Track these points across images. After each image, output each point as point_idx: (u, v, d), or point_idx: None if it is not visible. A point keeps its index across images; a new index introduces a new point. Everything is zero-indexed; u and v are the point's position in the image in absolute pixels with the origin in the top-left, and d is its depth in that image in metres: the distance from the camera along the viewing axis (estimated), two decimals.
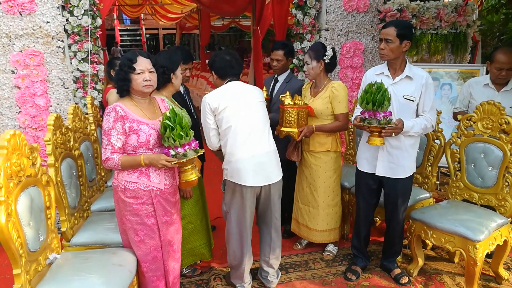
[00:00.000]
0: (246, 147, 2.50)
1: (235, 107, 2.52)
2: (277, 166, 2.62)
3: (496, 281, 2.82)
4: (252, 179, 2.50)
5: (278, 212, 2.71)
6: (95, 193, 3.05)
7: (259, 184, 2.53)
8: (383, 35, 2.55)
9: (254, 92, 2.64)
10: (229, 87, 2.59)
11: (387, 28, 2.54)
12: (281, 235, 2.79)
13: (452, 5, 4.25)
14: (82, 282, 1.94)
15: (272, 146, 2.61)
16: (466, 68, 4.19)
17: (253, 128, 2.53)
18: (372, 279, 2.89)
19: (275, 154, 2.62)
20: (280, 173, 2.64)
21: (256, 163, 2.51)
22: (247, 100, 2.56)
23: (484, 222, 2.59)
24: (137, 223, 2.22)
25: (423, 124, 2.56)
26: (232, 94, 2.55)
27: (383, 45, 2.55)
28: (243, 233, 2.62)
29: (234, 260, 2.70)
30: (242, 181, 2.50)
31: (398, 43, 2.51)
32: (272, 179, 2.57)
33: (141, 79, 2.12)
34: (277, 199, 2.66)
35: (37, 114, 3.61)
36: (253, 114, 2.56)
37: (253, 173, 2.50)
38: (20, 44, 3.50)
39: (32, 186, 1.99)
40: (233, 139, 2.51)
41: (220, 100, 2.51)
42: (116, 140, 2.12)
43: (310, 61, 2.92)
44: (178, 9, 12.77)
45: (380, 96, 2.34)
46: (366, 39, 4.21)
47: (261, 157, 2.53)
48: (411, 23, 4.05)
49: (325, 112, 2.93)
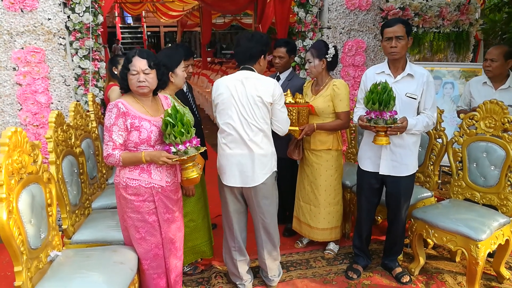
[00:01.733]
0: (231, 145, 2.47)
1: (229, 100, 2.44)
2: (260, 171, 2.47)
3: (497, 281, 2.82)
4: (227, 178, 2.52)
5: (266, 213, 2.59)
6: (96, 191, 3.05)
7: (234, 185, 2.51)
8: (392, 33, 2.51)
9: (260, 89, 2.42)
10: (235, 76, 2.50)
11: (395, 26, 2.51)
12: (274, 236, 2.67)
13: (454, 4, 4.23)
14: (83, 280, 1.94)
15: (263, 150, 2.46)
16: (468, 67, 4.17)
17: (243, 127, 2.43)
18: (373, 278, 2.89)
19: (263, 158, 2.47)
20: (262, 179, 2.48)
21: (235, 164, 2.47)
22: (246, 94, 2.41)
23: (486, 221, 2.58)
24: (138, 220, 2.21)
25: (425, 122, 2.57)
26: (233, 85, 2.45)
27: (395, 43, 2.51)
28: (228, 229, 2.68)
29: (226, 258, 2.75)
30: (221, 178, 2.56)
31: (407, 39, 2.52)
32: (248, 183, 2.48)
33: (135, 79, 2.12)
34: (261, 201, 2.55)
35: (39, 111, 3.60)
36: (247, 112, 2.42)
37: (230, 172, 2.50)
38: (22, 41, 3.49)
39: (34, 184, 1.99)
40: (222, 134, 2.52)
41: (218, 90, 2.49)
42: (118, 137, 2.12)
43: (312, 59, 2.91)
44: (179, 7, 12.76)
45: (386, 96, 2.33)
46: (368, 37, 4.19)
47: (243, 159, 2.45)
48: None
49: (326, 111, 2.93)
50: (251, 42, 2.48)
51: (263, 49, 2.51)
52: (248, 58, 2.50)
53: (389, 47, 2.54)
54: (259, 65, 2.54)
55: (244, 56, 2.51)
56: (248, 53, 2.49)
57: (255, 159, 2.46)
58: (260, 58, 2.52)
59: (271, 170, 2.54)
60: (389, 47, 2.54)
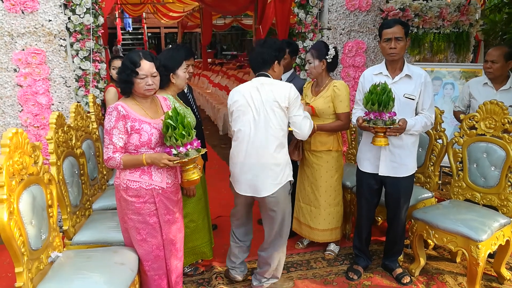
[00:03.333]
0: (243, 153, 2.44)
1: (245, 107, 2.44)
2: (272, 181, 2.41)
3: (498, 281, 2.82)
4: (239, 187, 2.52)
5: (274, 224, 2.52)
6: (96, 192, 3.05)
7: (245, 193, 2.50)
8: (391, 34, 2.51)
9: (276, 93, 2.39)
10: (250, 83, 2.50)
11: (394, 27, 2.51)
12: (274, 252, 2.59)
13: (454, 4, 4.24)
14: (84, 281, 1.94)
15: (275, 159, 2.41)
16: (469, 68, 4.18)
17: (256, 134, 2.41)
18: (373, 279, 2.89)
19: (276, 168, 2.41)
20: (271, 189, 2.42)
21: (247, 172, 2.44)
22: (262, 101, 2.40)
23: (486, 222, 2.59)
24: (139, 222, 2.22)
25: (424, 122, 2.57)
26: (248, 92, 2.45)
27: (395, 44, 2.51)
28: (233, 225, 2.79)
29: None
30: (234, 186, 2.57)
31: (405, 40, 2.53)
32: (259, 193, 2.44)
33: (144, 83, 2.11)
34: (269, 213, 2.50)
35: (39, 112, 3.61)
36: (263, 119, 2.39)
37: (242, 181, 2.49)
38: (22, 43, 3.50)
39: (34, 185, 1.99)
40: (235, 141, 2.51)
41: (233, 97, 2.50)
42: (118, 140, 2.12)
43: (312, 60, 2.91)
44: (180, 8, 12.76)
45: (386, 97, 2.34)
46: (368, 38, 4.20)
47: (254, 168, 2.41)
48: None
49: (326, 111, 2.93)
50: (263, 47, 2.49)
51: (276, 55, 2.50)
52: (261, 64, 2.50)
53: (388, 48, 2.54)
54: (273, 71, 2.52)
55: (256, 61, 2.51)
56: (260, 58, 2.48)
57: (266, 168, 2.41)
58: (274, 64, 2.50)
59: (284, 180, 2.46)
60: (388, 48, 2.54)
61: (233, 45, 22.12)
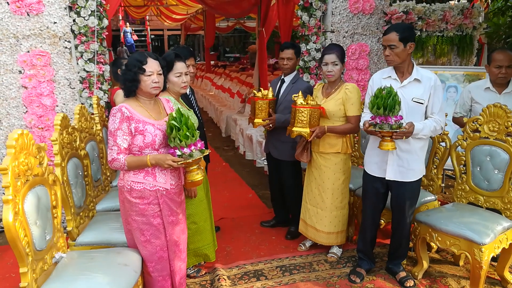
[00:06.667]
0: None
1: None
2: None
3: (501, 285, 2.81)
4: None
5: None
6: (100, 193, 3.06)
7: None
8: (385, 41, 2.54)
9: None
10: None
11: (388, 34, 2.53)
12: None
13: (458, 8, 4.24)
14: (88, 281, 1.95)
15: None
16: (472, 71, 4.17)
17: None
18: (376, 282, 2.88)
19: None
20: None
21: None
22: None
23: (489, 225, 2.58)
24: (143, 223, 2.22)
25: (432, 126, 2.55)
26: None
27: (388, 51, 2.53)
28: None
29: None
30: None
31: (402, 46, 2.51)
32: None
33: (150, 80, 2.13)
34: None
35: (44, 114, 3.62)
36: None
37: None
38: (28, 45, 3.52)
39: (39, 185, 2.01)
40: None
41: None
42: (122, 141, 2.13)
43: (338, 61, 2.90)
44: (183, 10, 12.79)
45: (391, 101, 2.33)
46: (372, 41, 4.20)
47: None
48: (410, 24, 4.05)
49: (337, 114, 2.92)
50: None
51: None
52: None
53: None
54: None
55: None
56: None
57: None
58: None
59: None
60: (384, 55, 2.58)
61: (236, 48, 22.14)
